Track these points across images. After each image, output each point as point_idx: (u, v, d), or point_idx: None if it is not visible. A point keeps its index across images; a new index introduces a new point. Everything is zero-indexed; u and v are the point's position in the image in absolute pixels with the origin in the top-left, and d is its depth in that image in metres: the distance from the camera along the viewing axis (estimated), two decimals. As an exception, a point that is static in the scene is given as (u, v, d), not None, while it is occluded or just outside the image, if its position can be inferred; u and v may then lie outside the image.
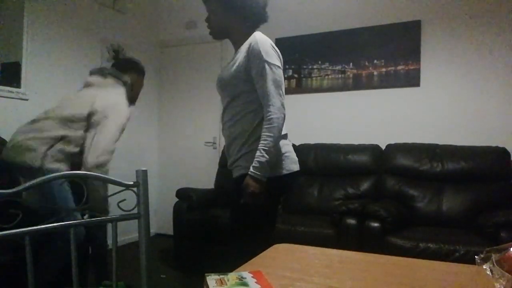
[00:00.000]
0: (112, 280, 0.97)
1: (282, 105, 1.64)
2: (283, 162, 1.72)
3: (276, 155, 1.66)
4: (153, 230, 4.27)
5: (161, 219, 4.28)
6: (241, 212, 1.76)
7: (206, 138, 4.19)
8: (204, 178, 3.94)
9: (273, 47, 1.68)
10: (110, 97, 2.24)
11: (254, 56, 1.62)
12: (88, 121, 2.16)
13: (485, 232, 2.36)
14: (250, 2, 1.72)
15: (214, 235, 3.01)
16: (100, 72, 2.43)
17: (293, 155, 1.81)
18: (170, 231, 3.44)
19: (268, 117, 1.61)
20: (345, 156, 3.27)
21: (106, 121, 2.14)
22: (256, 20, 1.76)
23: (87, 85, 2.41)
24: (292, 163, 1.79)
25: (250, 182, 1.59)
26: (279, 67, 1.66)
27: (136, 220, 0.99)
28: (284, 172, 1.72)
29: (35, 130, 2.14)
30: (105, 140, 2.12)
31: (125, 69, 2.44)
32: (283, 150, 1.73)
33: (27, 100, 3.07)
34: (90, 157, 2.08)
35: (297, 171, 1.80)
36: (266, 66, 1.62)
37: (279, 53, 1.71)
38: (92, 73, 2.50)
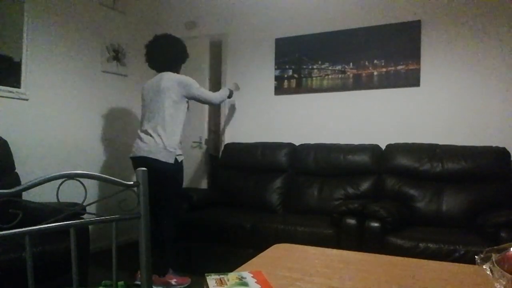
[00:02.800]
0: (112, 279, 0.97)
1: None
2: None
3: None
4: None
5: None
6: None
7: (193, 137, 4.01)
8: (194, 178, 3.95)
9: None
10: None
11: None
12: None
13: (485, 232, 2.36)
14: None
15: (214, 235, 3.00)
16: None
17: (135, 144, 2.85)
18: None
19: None
20: (345, 156, 3.26)
21: None
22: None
23: None
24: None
25: None
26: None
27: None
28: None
29: None
30: None
31: None
32: None
33: (27, 100, 3.07)
34: None
35: (131, 157, 2.83)
36: None
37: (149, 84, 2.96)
38: None
